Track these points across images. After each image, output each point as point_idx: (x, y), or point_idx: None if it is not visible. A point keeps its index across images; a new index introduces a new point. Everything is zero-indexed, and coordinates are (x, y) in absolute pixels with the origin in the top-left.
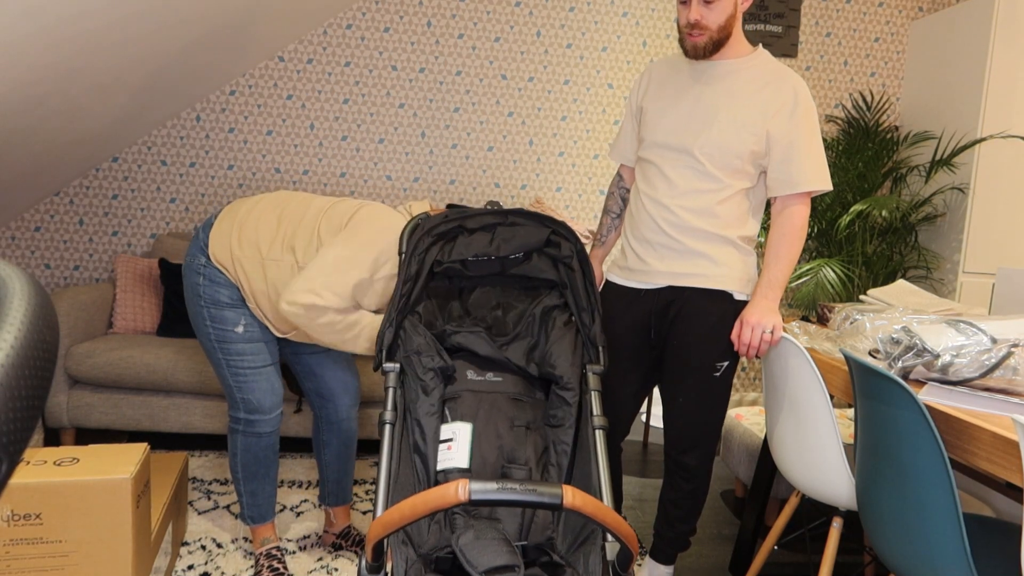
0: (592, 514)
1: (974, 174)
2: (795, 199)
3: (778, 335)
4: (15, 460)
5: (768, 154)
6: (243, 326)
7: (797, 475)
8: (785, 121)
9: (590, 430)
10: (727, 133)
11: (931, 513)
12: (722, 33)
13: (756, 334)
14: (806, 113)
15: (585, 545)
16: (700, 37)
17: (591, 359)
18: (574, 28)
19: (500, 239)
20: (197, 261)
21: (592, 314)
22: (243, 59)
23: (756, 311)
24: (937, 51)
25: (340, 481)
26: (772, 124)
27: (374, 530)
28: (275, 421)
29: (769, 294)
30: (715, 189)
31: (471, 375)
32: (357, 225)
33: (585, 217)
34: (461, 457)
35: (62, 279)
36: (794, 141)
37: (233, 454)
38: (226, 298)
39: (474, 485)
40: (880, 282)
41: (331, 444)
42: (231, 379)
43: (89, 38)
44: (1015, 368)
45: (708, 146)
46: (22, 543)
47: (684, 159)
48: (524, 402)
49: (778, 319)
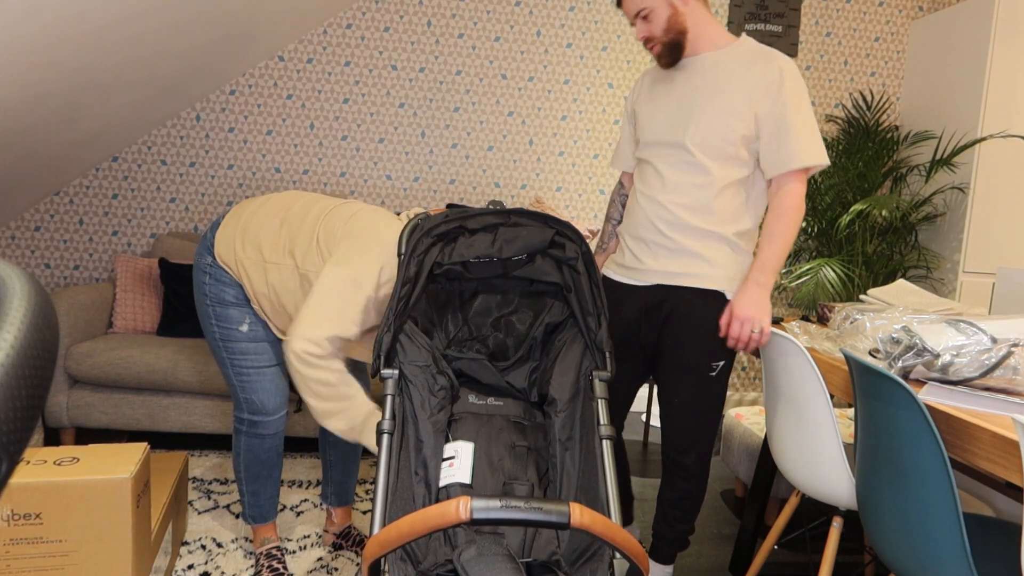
0: (601, 533)
1: (974, 174)
2: (789, 178)
3: (766, 336)
4: (15, 460)
5: (759, 136)
6: (247, 325)
7: (797, 475)
8: (772, 100)
9: (596, 440)
10: (715, 120)
11: (931, 513)
12: (670, 35)
13: (745, 330)
14: (793, 90)
15: (592, 562)
16: (655, 48)
17: (597, 365)
18: (574, 28)
19: (502, 240)
20: (204, 260)
21: (598, 318)
22: (243, 59)
23: (746, 302)
24: (937, 51)
25: (343, 482)
26: (760, 105)
27: (370, 549)
28: (279, 423)
29: (760, 279)
30: (708, 182)
31: (472, 399)
32: (354, 239)
33: (585, 217)
34: (463, 473)
35: (62, 279)
36: (783, 118)
37: (236, 454)
38: (231, 297)
39: (476, 503)
40: (880, 282)
41: (337, 445)
42: (235, 379)
43: (89, 37)
44: (1015, 368)
45: (698, 135)
46: (22, 543)
47: (676, 153)
48: (525, 425)
49: (767, 314)
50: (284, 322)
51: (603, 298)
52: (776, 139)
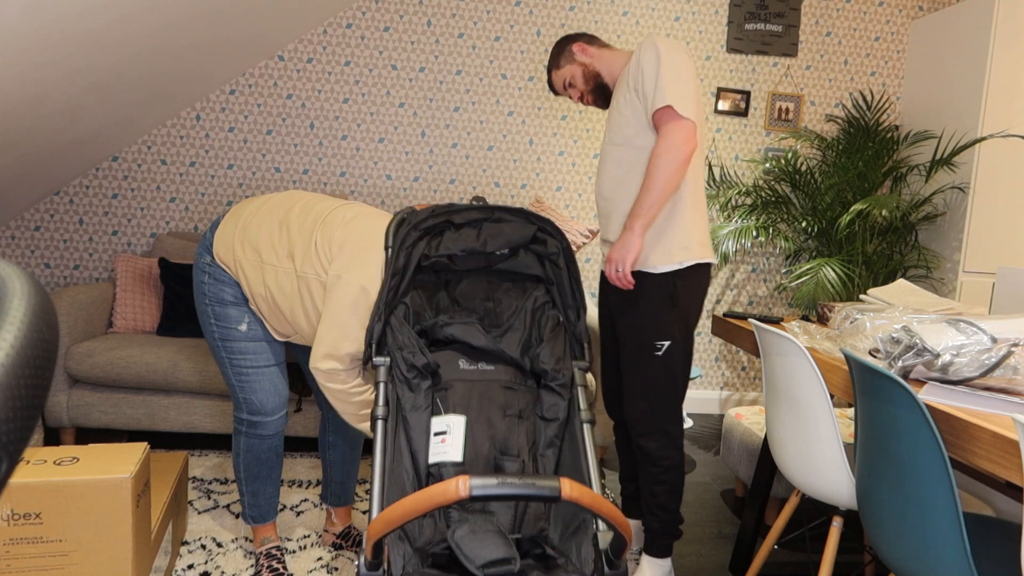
0: (590, 504)
1: (974, 173)
2: (662, 120)
3: (625, 276)
4: (15, 459)
5: (641, 101)
6: (246, 324)
7: (797, 474)
8: (635, 67)
9: (578, 424)
10: (619, 118)
11: (931, 512)
12: (588, 84)
13: (610, 269)
14: (649, 50)
15: (577, 535)
16: (588, 102)
17: (576, 355)
18: (574, 27)
19: (486, 235)
20: (203, 260)
21: (577, 311)
22: (243, 58)
23: (617, 245)
24: (937, 50)
25: (344, 483)
26: (634, 80)
27: (375, 527)
28: (279, 423)
29: (632, 224)
30: (620, 164)
31: (463, 364)
32: (355, 244)
33: (585, 216)
34: (455, 451)
35: (62, 278)
36: (647, 70)
37: (236, 454)
38: (230, 296)
39: (474, 481)
40: (880, 281)
41: (337, 446)
42: (234, 379)
43: (89, 37)
44: (1015, 367)
45: (611, 131)
46: (22, 542)
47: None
48: (516, 390)
49: (630, 253)
50: (280, 324)
51: (582, 291)
52: (648, 88)
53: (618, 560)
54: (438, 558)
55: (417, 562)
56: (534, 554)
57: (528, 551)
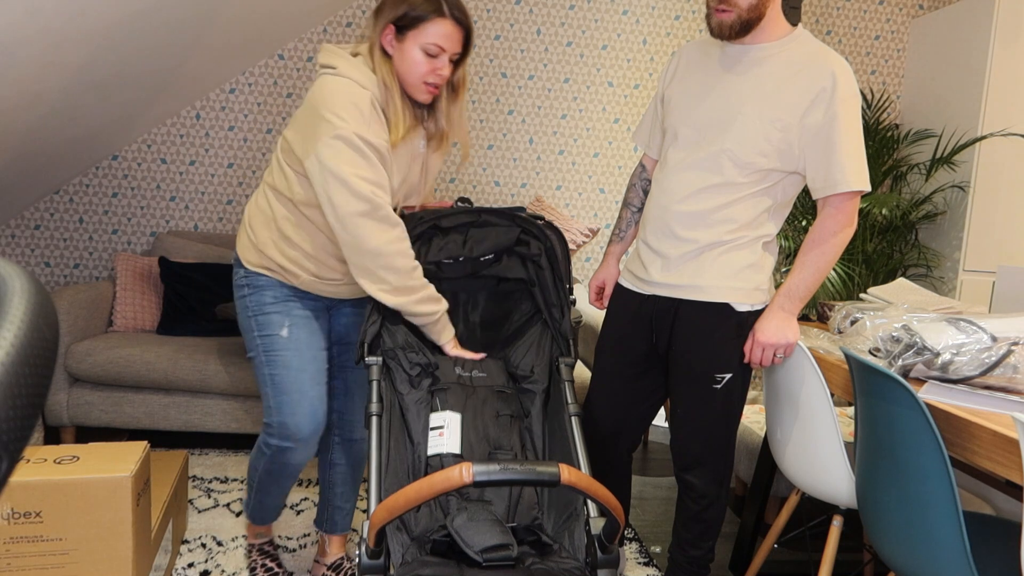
0: (586, 488)
1: (974, 172)
2: (832, 202)
3: (789, 352)
4: (15, 458)
5: (803, 153)
6: (287, 328)
7: (797, 473)
8: (821, 113)
9: (566, 417)
10: (752, 130)
11: (931, 511)
12: (752, 13)
13: (767, 355)
14: (844, 102)
15: (570, 522)
16: (727, 14)
17: (562, 352)
18: (574, 26)
19: (472, 240)
20: (239, 276)
21: (561, 309)
22: (243, 57)
23: (769, 327)
24: (938, 49)
25: (342, 507)
26: (808, 117)
27: (378, 515)
28: (308, 452)
29: (786, 305)
30: (729, 191)
31: (458, 371)
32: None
33: (585, 216)
34: (452, 443)
35: (62, 277)
36: (831, 137)
37: (254, 468)
38: (270, 298)
39: (477, 467)
40: (880, 280)
41: (339, 464)
42: (273, 397)
43: (89, 36)
44: (1015, 366)
45: (729, 143)
46: (22, 541)
47: (704, 156)
48: (508, 394)
49: (792, 336)
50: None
51: (566, 290)
52: (822, 158)
53: (610, 544)
54: (437, 545)
55: (415, 550)
56: (529, 541)
57: (523, 539)
